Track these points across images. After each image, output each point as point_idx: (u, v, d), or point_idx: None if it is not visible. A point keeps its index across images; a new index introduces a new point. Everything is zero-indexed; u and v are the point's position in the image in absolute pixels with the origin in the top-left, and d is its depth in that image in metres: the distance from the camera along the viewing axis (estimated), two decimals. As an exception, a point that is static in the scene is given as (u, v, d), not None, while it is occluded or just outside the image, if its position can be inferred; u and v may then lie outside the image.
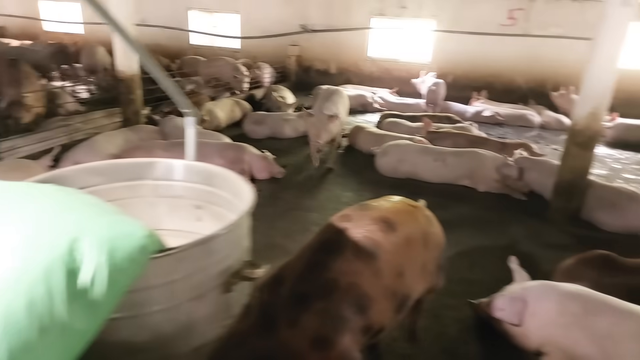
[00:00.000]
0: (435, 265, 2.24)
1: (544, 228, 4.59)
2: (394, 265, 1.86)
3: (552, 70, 10.32)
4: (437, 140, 6.43)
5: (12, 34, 14.76)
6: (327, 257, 1.76)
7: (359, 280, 1.72)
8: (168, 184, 1.73)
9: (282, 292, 1.65)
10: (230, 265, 1.28)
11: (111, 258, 0.94)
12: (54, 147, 4.62)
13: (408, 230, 2.00)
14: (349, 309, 1.66)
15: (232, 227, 1.22)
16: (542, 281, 2.76)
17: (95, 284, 0.91)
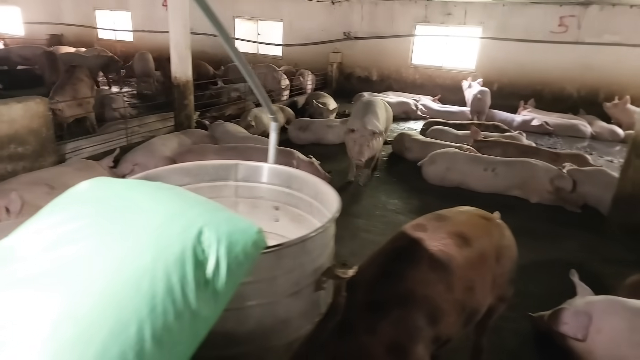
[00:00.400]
0: (506, 278, 2.21)
1: (601, 242, 4.42)
2: (465, 280, 1.87)
3: (606, 79, 9.92)
4: (486, 149, 6.32)
5: (68, 41, 15.65)
6: (403, 267, 1.80)
7: (433, 293, 1.75)
8: (249, 186, 1.81)
9: (358, 298, 1.70)
10: (321, 265, 1.33)
11: (230, 251, 1.00)
12: (116, 149, 4.87)
13: (482, 246, 2.00)
14: (423, 319, 1.70)
15: (325, 227, 1.27)
16: (609, 296, 2.66)
17: (217, 274, 0.97)
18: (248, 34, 14.15)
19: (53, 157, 4.55)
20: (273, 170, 1.79)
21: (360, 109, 5.71)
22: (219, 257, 0.99)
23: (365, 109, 5.61)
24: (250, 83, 1.53)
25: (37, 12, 16.82)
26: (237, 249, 1.01)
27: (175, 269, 0.92)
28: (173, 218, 1.02)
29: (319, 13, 12.70)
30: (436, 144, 6.47)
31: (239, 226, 1.05)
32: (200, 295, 0.94)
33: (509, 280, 2.26)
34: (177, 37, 6.01)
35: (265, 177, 1.79)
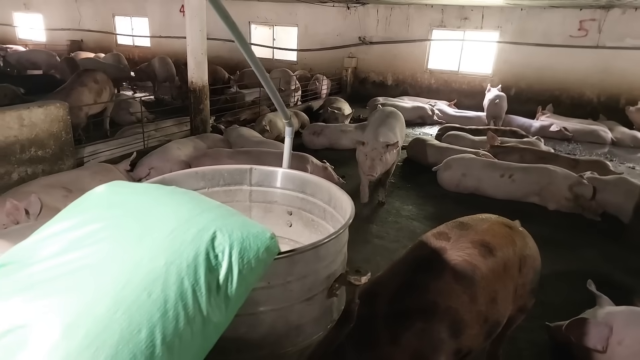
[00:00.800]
0: (528, 289, 2.16)
1: (622, 252, 4.31)
2: (489, 291, 1.83)
3: (628, 84, 9.71)
4: (503, 154, 6.23)
5: (88, 47, 16.02)
6: (426, 277, 1.77)
7: (457, 305, 1.72)
8: (263, 190, 1.81)
9: (380, 307, 1.69)
10: (334, 271, 1.32)
11: (243, 257, 1.00)
12: (133, 152, 4.94)
13: (505, 255, 1.95)
14: (445, 331, 1.68)
15: (339, 233, 1.26)
16: (631, 307, 2.60)
17: (229, 280, 0.97)
18: (264, 39, 14.28)
19: (71, 161, 4.63)
20: (287, 175, 1.78)
21: (373, 121, 5.36)
22: (231, 262, 0.98)
23: (378, 120, 5.23)
24: (266, 88, 1.53)
25: (58, 18, 17.28)
26: (249, 255, 1.01)
27: (188, 274, 0.92)
28: (187, 222, 1.02)
29: (334, 18, 12.74)
30: (452, 150, 6.40)
31: (252, 231, 1.05)
32: (212, 300, 0.94)
33: (531, 291, 2.20)
34: (194, 42, 6.08)
35: (279, 182, 1.79)
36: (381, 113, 5.62)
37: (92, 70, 7.18)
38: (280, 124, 7.90)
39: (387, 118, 5.32)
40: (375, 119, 5.40)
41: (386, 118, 5.32)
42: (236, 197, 1.79)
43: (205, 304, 0.91)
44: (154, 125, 6.69)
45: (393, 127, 5.14)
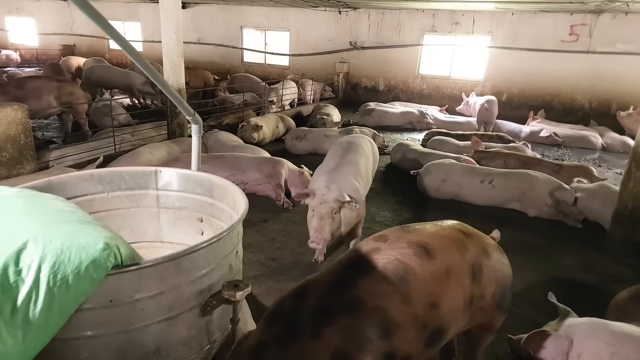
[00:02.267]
0: (491, 302, 2.01)
1: (601, 259, 4.16)
2: (426, 294, 1.73)
3: (619, 89, 9.55)
4: (486, 160, 6.08)
5: (80, 52, 15.98)
6: (355, 275, 1.70)
7: (386, 304, 1.64)
8: (171, 194, 1.66)
9: (307, 304, 1.62)
10: (211, 285, 1.16)
11: (56, 272, 0.85)
12: (100, 156, 4.80)
13: (449, 259, 1.84)
14: (373, 331, 1.60)
15: (209, 243, 1.10)
16: (591, 318, 2.47)
17: (32, 300, 0.82)
18: (256, 44, 14.22)
19: (32, 165, 4.49)
20: (195, 178, 1.64)
21: (327, 160, 3.93)
22: (38, 278, 0.83)
23: (332, 160, 3.83)
24: (156, 82, 1.39)
25: (51, 23, 17.25)
26: (65, 269, 0.86)
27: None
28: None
29: (326, 23, 12.66)
30: (434, 155, 6.25)
31: (77, 242, 0.90)
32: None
33: (497, 306, 2.05)
34: (169, 45, 5.98)
35: (187, 186, 1.64)
36: (338, 148, 4.13)
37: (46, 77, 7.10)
38: (265, 128, 7.76)
39: (345, 154, 3.89)
40: (330, 156, 3.96)
41: (345, 155, 3.89)
42: (142, 202, 1.64)
43: (-13, 331, 0.77)
44: (130, 129, 6.56)
45: (353, 169, 3.75)
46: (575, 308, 2.81)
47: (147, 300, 1.03)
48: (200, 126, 1.67)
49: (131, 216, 1.64)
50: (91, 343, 1.01)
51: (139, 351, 1.06)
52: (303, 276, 3.64)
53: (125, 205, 1.63)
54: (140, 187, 1.64)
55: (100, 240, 0.94)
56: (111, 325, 1.01)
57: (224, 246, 1.21)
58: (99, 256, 0.91)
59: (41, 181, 1.43)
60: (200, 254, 1.08)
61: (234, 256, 1.30)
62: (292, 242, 4.24)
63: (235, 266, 1.31)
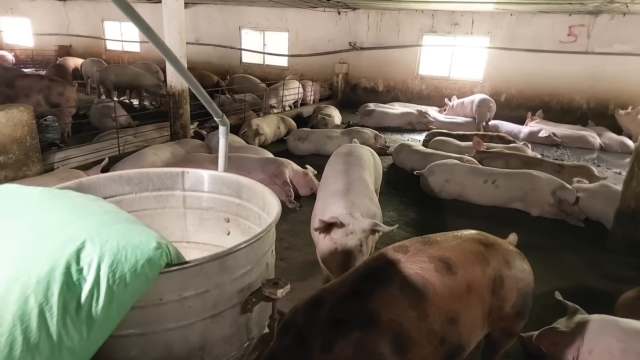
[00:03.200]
0: (511, 312, 2.01)
1: (604, 258, 4.22)
2: (445, 310, 1.70)
3: (617, 89, 9.65)
4: (488, 160, 6.14)
5: (77, 52, 15.88)
6: (372, 287, 1.66)
7: (401, 319, 1.60)
8: (197, 195, 1.68)
9: (321, 316, 1.58)
10: (250, 284, 1.19)
11: (115, 270, 0.87)
12: (105, 158, 4.81)
13: (470, 276, 1.81)
14: (387, 346, 1.56)
15: (251, 242, 1.13)
16: (602, 315, 2.52)
17: (94, 298, 0.84)
18: (254, 44, 14.22)
19: (38, 167, 4.49)
20: (222, 179, 1.66)
21: (335, 173, 3.28)
22: (99, 277, 0.86)
23: (343, 175, 3.23)
24: (189, 84, 1.41)
25: (46, 23, 17.13)
26: (123, 268, 0.88)
27: (36, 292, 0.79)
28: (50, 232, 0.89)
29: (325, 23, 12.68)
30: (437, 155, 6.30)
31: (132, 241, 0.92)
32: (67, 322, 0.81)
33: (516, 314, 2.05)
34: (172, 46, 5.97)
35: (214, 186, 1.67)
36: (338, 162, 3.50)
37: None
38: (267, 129, 7.78)
39: (350, 170, 3.31)
40: (334, 173, 3.31)
41: (350, 170, 3.32)
42: (169, 203, 1.66)
43: (56, 327, 0.79)
44: (133, 130, 6.56)
45: (364, 188, 3.15)
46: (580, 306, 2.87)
47: (194, 298, 1.06)
48: (228, 127, 1.70)
49: (158, 217, 1.66)
50: (140, 340, 1.04)
51: (185, 348, 1.08)
52: (313, 276, 3.70)
53: (153, 206, 1.65)
54: (167, 188, 1.66)
55: (152, 239, 0.96)
56: (160, 323, 1.04)
57: (263, 245, 1.24)
58: (153, 255, 0.94)
59: (73, 182, 1.45)
60: (242, 253, 1.11)
61: (270, 255, 1.33)
62: (300, 242, 4.27)
63: (270, 264, 1.34)
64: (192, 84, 1.39)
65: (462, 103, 9.94)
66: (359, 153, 3.70)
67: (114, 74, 10.05)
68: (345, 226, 2.68)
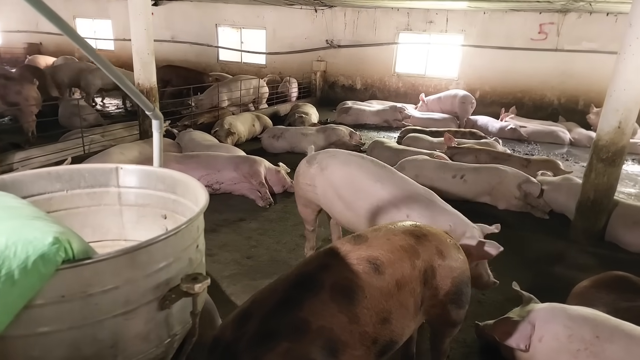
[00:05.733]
0: (444, 299, 2.01)
1: (567, 249, 4.33)
2: (376, 311, 1.71)
3: (585, 86, 9.88)
4: (459, 155, 6.22)
5: (48, 51, 15.46)
6: (302, 295, 1.65)
7: (331, 324, 1.60)
8: (133, 192, 1.65)
9: (248, 329, 1.56)
10: (168, 279, 1.16)
11: (0, 267, 0.84)
12: (67, 158, 4.69)
13: (399, 271, 1.82)
14: (318, 352, 1.56)
15: (165, 237, 1.11)
16: (551, 304, 2.59)
17: (-24, 296, 0.81)
18: (231, 42, 14.10)
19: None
20: (156, 174, 1.63)
21: (400, 183, 2.99)
22: (-19, 275, 0.83)
23: (408, 182, 3.05)
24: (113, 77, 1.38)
25: (15, 20, 16.58)
26: (11, 264, 0.85)
27: None
28: None
29: (302, 21, 12.65)
30: (408, 151, 6.35)
31: (23, 237, 0.89)
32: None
33: (452, 302, 2.06)
34: (139, 42, 5.87)
35: (149, 182, 1.63)
36: (383, 170, 3.15)
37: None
38: (241, 127, 7.72)
39: (397, 175, 3.12)
40: (398, 183, 3.00)
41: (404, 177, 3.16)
42: (103, 200, 1.62)
43: None
44: (101, 129, 6.43)
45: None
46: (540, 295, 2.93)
47: (101, 295, 1.03)
48: (161, 121, 1.67)
49: (92, 215, 1.62)
50: (43, 340, 1.00)
51: (95, 346, 1.05)
52: (277, 273, 3.68)
53: (86, 204, 1.61)
54: (101, 184, 1.62)
55: (49, 234, 0.93)
56: (64, 321, 1.01)
57: (183, 240, 1.22)
58: (48, 250, 0.91)
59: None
60: (157, 248, 1.09)
61: (194, 250, 1.31)
62: (268, 240, 4.25)
63: (195, 260, 1.31)
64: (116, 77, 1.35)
65: (439, 98, 10.08)
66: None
67: (99, 78, 9.81)
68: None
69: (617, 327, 2.23)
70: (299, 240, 4.25)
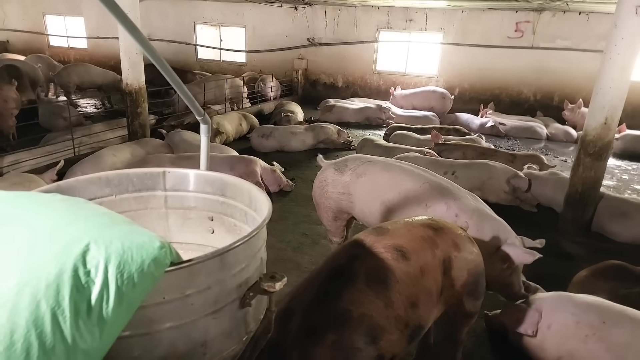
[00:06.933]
0: (461, 290, 2.09)
1: (556, 240, 4.51)
2: (406, 295, 1.79)
3: (560, 82, 10.30)
4: (446, 152, 6.38)
5: (15, 48, 14.83)
6: (339, 286, 1.71)
7: (371, 311, 1.67)
8: (180, 195, 1.67)
9: (292, 325, 1.60)
10: (247, 279, 1.21)
11: (122, 271, 0.87)
12: (60, 160, 4.58)
13: (422, 260, 1.90)
14: (361, 339, 1.62)
15: (248, 238, 1.15)
16: (558, 292, 2.73)
17: (104, 299, 0.84)
18: (210, 40, 13.92)
19: (-15, 171, 4.21)
20: (205, 177, 1.66)
21: (438, 187, 3.00)
22: (107, 278, 0.86)
23: (446, 183, 3.10)
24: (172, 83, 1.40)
25: (-22, 17, 15.92)
26: (131, 268, 0.89)
27: (47, 296, 0.78)
28: (53, 235, 0.88)
29: (282, 19, 12.63)
30: (398, 149, 6.47)
31: (136, 242, 0.93)
32: (80, 325, 0.80)
33: (469, 293, 2.14)
34: (127, 41, 5.76)
35: (197, 185, 1.66)
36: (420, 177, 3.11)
37: None
38: (228, 126, 7.69)
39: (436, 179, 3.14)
40: (436, 188, 3.00)
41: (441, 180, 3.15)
42: (150, 204, 1.64)
43: (70, 330, 0.78)
44: (87, 130, 6.27)
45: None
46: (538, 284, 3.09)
47: (196, 295, 1.07)
48: (209, 126, 1.69)
49: (139, 218, 1.63)
50: (144, 340, 1.04)
51: (188, 345, 1.09)
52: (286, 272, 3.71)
53: (133, 208, 1.62)
54: (148, 188, 1.63)
55: (155, 239, 0.97)
56: (163, 321, 1.04)
57: (257, 241, 1.26)
58: (158, 254, 0.94)
59: (51, 186, 1.41)
60: (240, 249, 1.13)
61: (264, 249, 1.36)
62: (270, 239, 4.25)
63: (264, 259, 1.37)
64: (176, 83, 1.38)
65: (414, 94, 10.41)
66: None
67: (77, 74, 9.53)
68: None
69: (622, 312, 2.37)
70: (302, 239, 4.30)
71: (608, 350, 2.28)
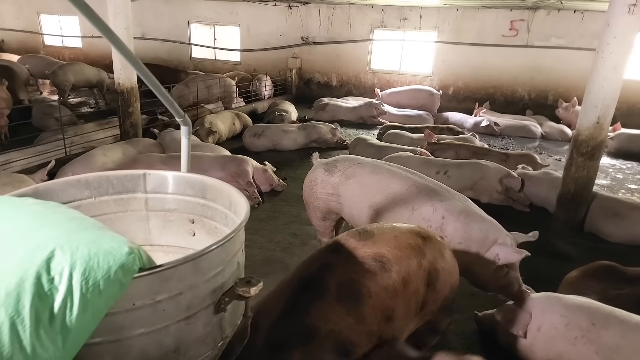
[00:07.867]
0: (440, 306, 2.02)
1: (547, 239, 4.50)
2: (381, 310, 1.69)
3: (554, 81, 10.32)
4: (439, 151, 6.38)
5: (11, 48, 14.75)
6: (308, 300, 1.61)
7: (341, 327, 1.58)
8: (160, 197, 1.65)
9: (258, 340, 1.52)
10: (223, 284, 1.19)
11: (87, 278, 0.86)
12: (51, 160, 4.55)
13: (406, 269, 1.80)
14: (330, 355, 1.54)
15: (224, 242, 1.14)
16: (547, 293, 2.72)
17: (68, 307, 0.83)
18: (204, 39, 13.87)
19: (-25, 171, 4.17)
20: (185, 180, 1.64)
21: (427, 188, 2.97)
22: (71, 285, 0.84)
23: (439, 185, 3.06)
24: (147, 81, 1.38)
25: (-27, 16, 15.81)
26: (96, 275, 0.87)
27: (6, 304, 0.77)
28: (18, 241, 0.86)
29: (276, 18, 12.59)
30: (391, 148, 6.46)
31: (103, 248, 0.91)
32: (41, 334, 0.79)
33: (444, 308, 2.06)
34: (119, 41, 5.71)
35: (177, 188, 1.64)
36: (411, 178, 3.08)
37: None
38: (221, 125, 7.66)
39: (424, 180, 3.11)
40: (425, 189, 2.97)
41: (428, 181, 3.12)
42: (130, 207, 1.62)
43: (29, 339, 0.77)
44: (80, 130, 6.23)
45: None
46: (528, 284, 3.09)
47: (167, 301, 1.05)
48: (190, 127, 1.67)
49: (119, 220, 1.62)
50: (114, 347, 1.02)
51: (160, 351, 1.08)
52: (274, 272, 3.70)
53: (113, 210, 1.61)
54: (129, 190, 1.61)
55: (124, 244, 0.95)
56: (133, 328, 1.03)
57: (234, 245, 1.25)
58: (126, 260, 0.93)
59: (28, 189, 1.38)
60: (215, 254, 1.11)
61: (241, 253, 1.34)
62: (260, 240, 4.26)
63: (241, 263, 1.35)
64: (152, 84, 1.36)
65: (399, 92, 10.53)
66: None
67: (72, 73, 9.46)
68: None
69: (611, 314, 2.35)
70: (292, 239, 4.29)
71: (597, 352, 2.27)
